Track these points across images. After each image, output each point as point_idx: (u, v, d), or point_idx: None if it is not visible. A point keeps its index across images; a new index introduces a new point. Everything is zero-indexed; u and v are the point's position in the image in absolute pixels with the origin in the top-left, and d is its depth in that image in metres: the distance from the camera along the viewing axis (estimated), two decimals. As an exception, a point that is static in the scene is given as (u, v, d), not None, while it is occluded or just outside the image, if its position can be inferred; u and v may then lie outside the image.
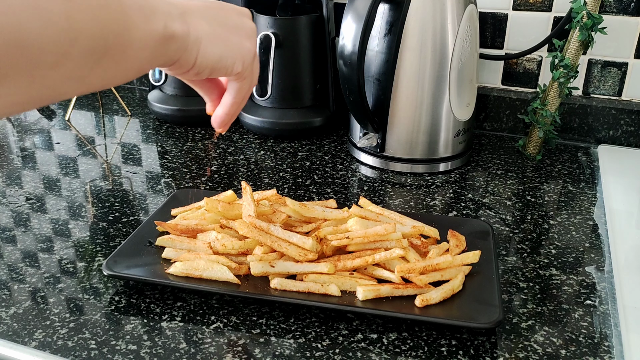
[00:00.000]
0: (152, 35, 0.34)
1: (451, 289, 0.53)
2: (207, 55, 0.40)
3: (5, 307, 0.53)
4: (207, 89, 0.49)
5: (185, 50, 0.38)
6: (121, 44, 0.31)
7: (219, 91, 0.49)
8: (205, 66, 0.40)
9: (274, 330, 0.51)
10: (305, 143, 0.95)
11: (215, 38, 0.40)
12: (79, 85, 0.31)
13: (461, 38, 0.79)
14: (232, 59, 0.42)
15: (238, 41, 0.43)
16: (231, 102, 0.47)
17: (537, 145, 0.89)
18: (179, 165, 0.86)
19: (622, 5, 0.90)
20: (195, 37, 0.38)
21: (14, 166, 0.85)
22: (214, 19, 0.41)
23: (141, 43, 0.33)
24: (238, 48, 0.43)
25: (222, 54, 0.41)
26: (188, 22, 0.38)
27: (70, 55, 0.28)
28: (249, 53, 0.44)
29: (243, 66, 0.44)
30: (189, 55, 0.38)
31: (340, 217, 0.60)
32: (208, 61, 0.40)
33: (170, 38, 0.36)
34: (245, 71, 0.45)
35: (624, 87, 0.94)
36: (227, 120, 0.49)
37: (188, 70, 0.40)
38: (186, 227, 0.61)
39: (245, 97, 0.48)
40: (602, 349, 0.49)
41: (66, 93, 0.31)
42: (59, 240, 0.65)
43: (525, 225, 0.70)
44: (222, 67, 0.42)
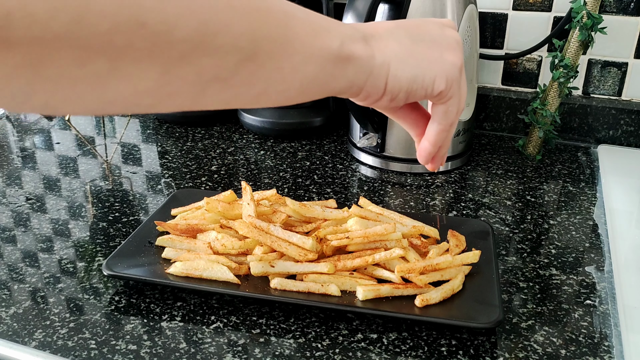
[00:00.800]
0: (320, 52, 0.31)
1: (451, 289, 0.53)
2: (400, 77, 0.36)
3: (5, 307, 0.53)
4: (412, 122, 0.43)
5: (370, 74, 0.34)
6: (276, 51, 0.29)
7: (425, 123, 0.43)
8: (398, 89, 0.36)
9: (274, 330, 0.51)
10: (305, 143, 0.95)
11: (407, 57, 0.36)
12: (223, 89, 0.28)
13: (461, 38, 0.79)
14: (430, 76, 0.37)
15: (438, 55, 0.38)
16: (437, 131, 0.41)
17: (537, 145, 0.89)
18: (179, 165, 0.86)
19: (622, 5, 0.90)
20: (382, 59, 0.35)
21: (14, 166, 0.85)
22: (406, 37, 0.37)
23: (305, 56, 0.31)
24: (438, 62, 0.37)
25: (418, 73, 0.36)
26: (373, 45, 0.34)
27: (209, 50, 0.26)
28: (453, 67, 0.38)
29: (446, 83, 0.38)
30: (377, 80, 0.35)
31: (340, 217, 0.60)
32: (402, 83, 0.36)
33: (347, 59, 0.33)
34: (450, 89, 0.38)
35: (624, 87, 0.94)
36: (435, 153, 0.42)
37: (380, 97, 0.36)
38: (186, 227, 0.61)
39: (453, 122, 0.41)
40: (602, 348, 0.49)
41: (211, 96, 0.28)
42: (59, 240, 0.65)
43: (525, 225, 0.70)
44: (420, 87, 0.37)
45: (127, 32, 0.23)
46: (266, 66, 0.29)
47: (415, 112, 0.43)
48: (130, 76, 0.25)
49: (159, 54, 0.25)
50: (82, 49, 0.22)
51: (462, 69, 0.40)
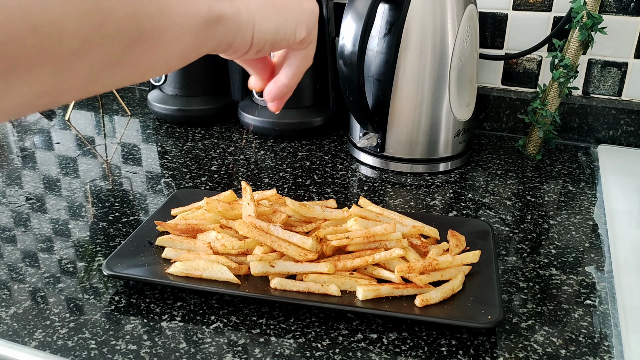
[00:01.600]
0: (194, 18, 0.32)
1: (451, 289, 0.53)
2: (264, 30, 0.37)
3: (5, 307, 0.53)
4: (260, 68, 0.46)
5: (238, 30, 0.36)
6: (156, 27, 0.29)
7: (270, 69, 0.46)
8: (264, 42, 0.38)
9: (274, 330, 0.51)
10: (305, 143, 0.95)
11: (269, 10, 0.38)
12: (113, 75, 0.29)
13: (461, 38, 0.79)
14: (292, 25, 0.39)
15: (296, 5, 0.40)
16: (294, 72, 0.44)
17: (537, 145, 0.89)
18: (179, 165, 0.86)
19: (622, 5, 0.90)
20: (247, 15, 0.36)
21: (14, 166, 0.85)
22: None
23: (181, 26, 0.31)
24: (298, 12, 0.40)
25: (280, 24, 0.38)
26: (237, 2, 0.35)
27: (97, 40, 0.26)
28: (312, 14, 0.41)
29: (307, 30, 0.40)
30: (245, 35, 0.36)
31: (340, 217, 0.60)
32: (266, 36, 0.38)
33: (217, 20, 0.33)
34: (310, 35, 0.41)
35: (624, 87, 0.94)
36: (285, 93, 0.45)
37: (247, 51, 0.38)
38: (186, 227, 0.61)
39: (307, 66, 0.44)
40: (602, 348, 0.49)
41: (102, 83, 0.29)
42: (59, 240, 0.65)
43: (525, 225, 0.70)
44: (283, 37, 0.39)
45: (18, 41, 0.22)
46: (150, 43, 0.29)
47: (263, 60, 0.46)
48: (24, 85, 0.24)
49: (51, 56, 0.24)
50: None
51: (317, 15, 0.42)
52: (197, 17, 0.32)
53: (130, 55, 0.29)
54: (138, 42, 0.28)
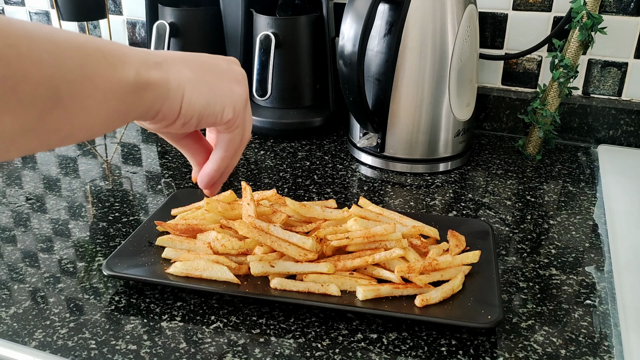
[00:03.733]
0: (119, 84, 0.31)
1: (451, 289, 0.53)
2: (193, 102, 0.37)
3: (5, 307, 0.53)
4: (194, 150, 0.46)
5: (166, 98, 0.35)
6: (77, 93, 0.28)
7: (206, 153, 0.45)
8: (192, 114, 0.37)
9: (274, 330, 0.51)
10: (305, 143, 0.95)
11: (200, 83, 0.38)
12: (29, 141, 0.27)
13: (461, 38, 0.79)
14: (221, 104, 0.39)
15: (227, 86, 0.40)
16: (222, 157, 0.43)
17: (537, 145, 0.89)
18: (179, 165, 0.86)
19: (622, 5, 0.90)
20: (177, 84, 0.36)
21: (14, 166, 0.85)
22: (198, 66, 0.38)
23: (106, 92, 0.30)
24: (227, 92, 0.40)
25: (210, 100, 0.38)
26: (167, 69, 0.35)
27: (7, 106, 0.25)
28: (240, 98, 0.41)
29: (234, 112, 0.40)
30: (173, 103, 0.36)
31: (340, 217, 0.60)
32: (195, 108, 0.37)
33: (144, 86, 0.33)
34: (237, 119, 0.41)
35: (624, 87, 0.94)
36: (216, 179, 0.44)
37: (174, 121, 0.37)
38: (186, 227, 0.61)
39: (237, 151, 0.44)
40: (602, 348, 0.49)
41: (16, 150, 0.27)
42: (59, 240, 0.65)
43: (525, 225, 0.70)
44: (211, 113, 0.39)
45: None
46: (70, 109, 0.28)
47: (199, 143, 0.46)
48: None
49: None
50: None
51: (247, 101, 0.42)
52: (124, 83, 0.31)
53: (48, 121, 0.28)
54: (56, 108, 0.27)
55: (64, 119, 0.28)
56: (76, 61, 0.28)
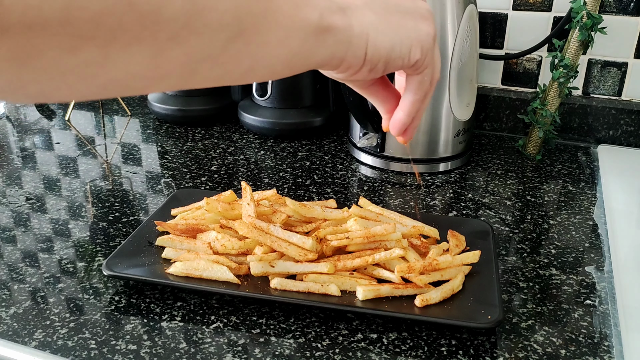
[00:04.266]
0: (302, 24, 0.31)
1: (451, 289, 0.53)
2: (378, 46, 0.36)
3: (5, 307, 0.53)
4: (382, 97, 0.44)
5: (349, 44, 0.34)
6: (259, 26, 0.29)
7: (395, 100, 0.44)
8: (377, 59, 0.36)
9: (274, 330, 0.51)
10: (305, 143, 0.95)
11: (384, 26, 0.36)
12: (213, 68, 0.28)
13: (461, 38, 0.79)
14: (407, 45, 0.37)
15: (412, 25, 0.38)
16: (412, 101, 0.41)
17: (537, 145, 0.89)
18: (179, 165, 0.86)
19: (622, 5, 0.90)
20: (361, 29, 0.35)
21: (14, 166, 0.85)
22: (381, 7, 0.37)
23: (287, 30, 0.30)
24: (413, 32, 0.38)
25: (395, 42, 0.36)
26: (350, 15, 0.34)
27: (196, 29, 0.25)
28: (427, 36, 0.39)
29: (422, 52, 0.38)
30: (357, 50, 0.35)
31: (340, 217, 0.60)
32: (380, 52, 0.36)
33: (326, 30, 0.33)
34: (426, 58, 0.39)
35: (624, 87, 0.94)
36: (409, 125, 0.43)
37: (360, 68, 0.36)
38: (186, 227, 0.61)
39: (428, 93, 0.42)
40: (602, 348, 0.49)
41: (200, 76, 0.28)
42: (59, 240, 0.65)
43: (525, 225, 0.70)
44: (398, 56, 0.37)
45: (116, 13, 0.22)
46: (253, 42, 0.29)
47: (387, 89, 0.44)
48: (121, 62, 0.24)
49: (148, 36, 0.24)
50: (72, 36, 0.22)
51: (435, 39, 0.40)
52: (305, 23, 0.31)
53: (231, 51, 0.28)
54: (239, 38, 0.28)
55: (246, 51, 0.29)
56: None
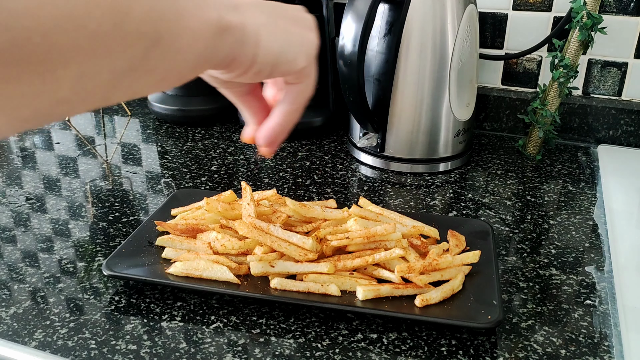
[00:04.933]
0: (206, 25, 0.31)
1: (451, 289, 0.53)
2: (268, 48, 0.36)
3: (5, 307, 0.53)
4: (256, 108, 0.44)
5: (242, 43, 0.35)
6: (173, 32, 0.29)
7: (266, 113, 0.44)
8: (266, 61, 0.37)
9: (274, 330, 0.51)
10: (305, 143, 0.95)
11: (274, 29, 0.37)
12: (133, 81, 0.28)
13: (461, 38, 0.79)
14: (294, 51, 0.38)
15: (299, 32, 0.39)
16: (288, 111, 0.41)
17: (537, 145, 0.89)
18: (179, 165, 0.86)
19: (622, 5, 0.90)
20: (253, 29, 0.35)
21: (14, 166, 0.85)
22: (271, 11, 0.37)
23: (194, 33, 0.30)
24: (300, 39, 0.39)
25: (284, 46, 0.37)
26: (243, 14, 0.35)
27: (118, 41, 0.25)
28: (312, 45, 0.40)
29: (307, 60, 0.39)
30: (248, 49, 0.35)
31: (340, 217, 0.60)
32: (269, 54, 0.36)
33: (225, 29, 0.33)
34: (309, 66, 0.40)
35: (624, 87, 0.94)
36: (278, 134, 0.43)
37: (248, 68, 0.36)
38: (186, 227, 0.61)
39: (302, 106, 0.42)
40: (602, 348, 0.49)
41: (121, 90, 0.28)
42: (59, 240, 0.65)
43: (525, 225, 0.70)
44: (285, 61, 0.38)
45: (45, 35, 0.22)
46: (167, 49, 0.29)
47: (260, 101, 0.45)
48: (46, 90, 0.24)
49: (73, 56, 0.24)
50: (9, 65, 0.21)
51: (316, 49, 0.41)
52: (208, 24, 0.31)
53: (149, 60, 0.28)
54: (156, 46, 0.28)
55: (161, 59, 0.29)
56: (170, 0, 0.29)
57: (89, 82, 0.25)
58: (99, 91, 0.27)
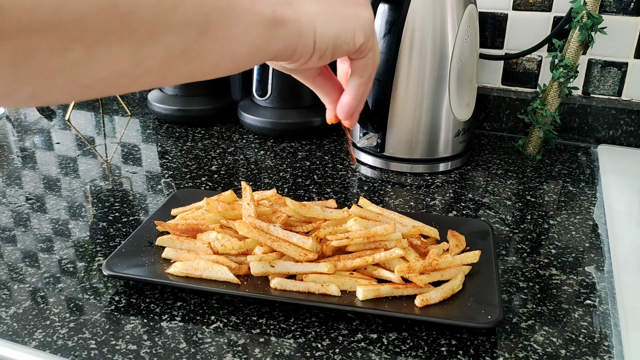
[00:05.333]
0: (259, 17, 0.33)
1: (451, 289, 0.53)
2: (325, 34, 0.38)
3: (5, 307, 0.53)
4: (327, 88, 0.47)
5: (300, 35, 0.37)
6: (224, 21, 0.31)
7: (338, 91, 0.47)
8: (326, 46, 0.39)
9: (274, 330, 0.51)
10: (305, 143, 0.95)
11: (328, 15, 0.39)
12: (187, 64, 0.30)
13: (461, 38, 0.79)
14: (351, 30, 0.40)
15: (353, 12, 0.41)
16: (358, 83, 0.45)
17: (537, 145, 0.89)
18: (179, 165, 0.86)
19: (622, 5, 0.90)
20: (308, 20, 0.37)
21: (14, 166, 0.85)
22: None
23: (247, 23, 0.32)
24: (355, 18, 0.41)
25: (340, 29, 0.39)
26: (297, 7, 0.37)
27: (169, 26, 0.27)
28: (368, 21, 0.42)
29: (364, 36, 0.41)
30: (307, 40, 0.37)
31: (340, 217, 0.60)
32: (328, 40, 0.39)
33: (280, 23, 0.35)
34: (368, 42, 0.42)
35: (624, 87, 0.94)
36: (355, 107, 0.46)
37: (310, 57, 0.39)
38: (186, 227, 0.61)
39: (371, 77, 0.45)
40: (602, 348, 0.49)
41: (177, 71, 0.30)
42: (59, 240, 0.65)
43: (525, 225, 0.70)
44: (343, 42, 0.40)
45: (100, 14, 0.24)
46: (218, 37, 0.31)
47: (331, 80, 0.47)
48: (105, 60, 0.26)
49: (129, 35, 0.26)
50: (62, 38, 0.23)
51: (374, 24, 0.43)
52: (262, 17, 0.33)
53: (201, 46, 0.30)
54: (207, 33, 0.30)
55: (214, 45, 0.31)
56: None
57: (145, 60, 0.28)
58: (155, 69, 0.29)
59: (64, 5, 0.23)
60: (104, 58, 0.26)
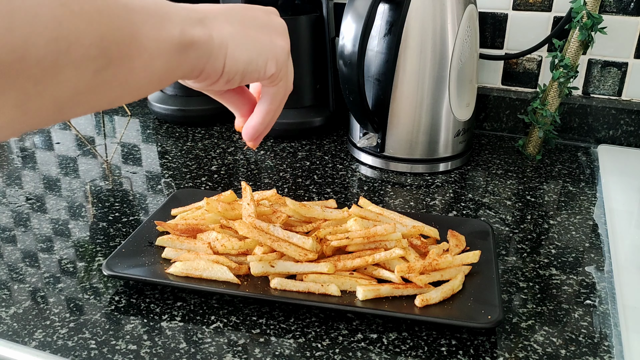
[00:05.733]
0: (166, 43, 0.31)
1: (451, 289, 0.53)
2: (236, 59, 0.37)
3: (5, 307, 0.53)
4: (238, 103, 0.45)
5: (209, 56, 0.35)
6: (126, 53, 0.29)
7: (250, 105, 0.46)
8: (235, 71, 0.37)
9: (274, 330, 0.51)
10: (305, 143, 0.95)
11: (242, 39, 0.37)
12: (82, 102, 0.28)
13: (461, 38, 0.79)
14: (263, 59, 0.39)
15: (268, 40, 0.39)
16: (266, 110, 0.43)
17: (537, 145, 0.89)
18: (179, 165, 0.86)
19: (622, 5, 0.90)
20: (220, 41, 0.35)
21: (14, 166, 0.85)
22: (238, 21, 0.38)
23: (152, 52, 0.30)
24: (269, 47, 0.39)
25: (252, 56, 0.38)
26: (209, 26, 0.35)
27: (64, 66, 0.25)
28: (282, 51, 0.40)
29: (277, 66, 0.40)
30: (216, 62, 0.36)
31: (340, 217, 0.60)
32: (238, 65, 0.37)
33: (189, 45, 0.33)
34: (280, 72, 0.41)
35: (624, 87, 0.94)
36: (261, 131, 0.44)
37: (217, 79, 0.37)
38: (186, 227, 0.61)
39: (281, 104, 0.44)
40: (602, 348, 0.49)
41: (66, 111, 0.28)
42: (59, 240, 0.65)
43: (525, 225, 0.70)
44: (254, 69, 0.38)
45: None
46: (120, 70, 0.29)
47: (242, 95, 0.45)
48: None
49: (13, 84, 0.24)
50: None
51: (289, 53, 0.42)
52: (169, 42, 0.31)
53: (99, 83, 0.28)
54: (107, 69, 0.28)
55: (114, 80, 0.29)
56: (124, 20, 0.28)
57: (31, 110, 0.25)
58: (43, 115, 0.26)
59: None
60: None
